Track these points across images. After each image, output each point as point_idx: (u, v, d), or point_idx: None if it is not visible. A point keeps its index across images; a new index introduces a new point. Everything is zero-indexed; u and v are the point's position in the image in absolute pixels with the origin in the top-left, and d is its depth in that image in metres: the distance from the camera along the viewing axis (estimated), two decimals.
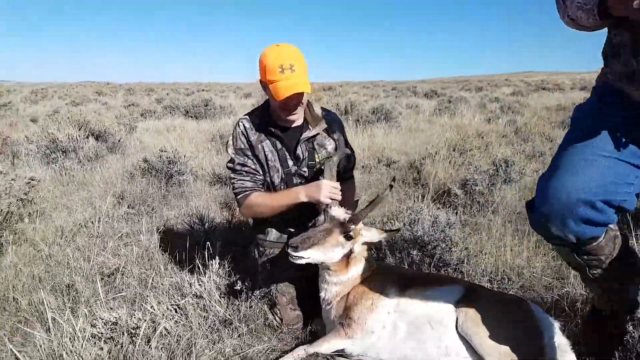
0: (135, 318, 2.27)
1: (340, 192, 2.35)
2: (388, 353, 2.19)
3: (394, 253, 3.16)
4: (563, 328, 2.14)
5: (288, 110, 2.42)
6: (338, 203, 2.35)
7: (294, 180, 2.59)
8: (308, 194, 2.33)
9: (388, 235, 2.36)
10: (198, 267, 2.83)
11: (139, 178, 5.45)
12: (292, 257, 2.11)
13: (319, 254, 2.15)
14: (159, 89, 36.61)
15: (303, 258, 2.11)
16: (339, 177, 2.53)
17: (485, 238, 3.53)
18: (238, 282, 2.59)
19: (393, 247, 3.20)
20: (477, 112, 12.15)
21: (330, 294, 2.36)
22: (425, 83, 59.73)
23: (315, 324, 2.58)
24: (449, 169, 5.35)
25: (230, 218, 4.20)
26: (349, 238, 2.22)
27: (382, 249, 3.23)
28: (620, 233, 1.77)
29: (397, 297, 2.25)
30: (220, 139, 7.80)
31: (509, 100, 16.51)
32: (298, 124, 2.55)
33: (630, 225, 3.40)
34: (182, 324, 2.42)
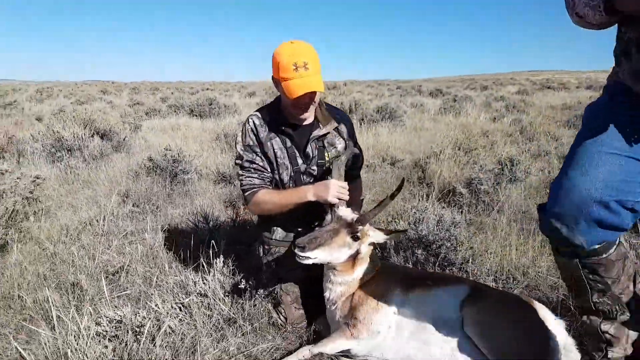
0: (140, 316, 2.27)
1: (348, 191, 2.33)
2: (393, 353, 2.18)
3: (399, 252, 3.16)
4: (568, 327, 2.13)
5: (300, 109, 2.40)
6: (345, 203, 2.34)
7: (303, 179, 2.57)
8: (316, 193, 2.32)
9: (394, 236, 2.35)
10: (202, 265, 2.83)
11: (144, 177, 5.46)
12: (299, 257, 2.09)
13: (326, 255, 2.14)
14: (164, 88, 36.68)
15: (310, 258, 2.10)
16: (347, 176, 2.51)
17: (491, 237, 3.51)
18: (242, 280, 2.58)
19: (398, 246, 3.20)
20: (482, 110, 12.11)
21: (335, 294, 2.35)
22: (430, 82, 59.60)
23: (319, 324, 2.58)
24: (454, 168, 5.34)
25: (235, 217, 4.19)
26: (356, 239, 2.21)
27: (386, 248, 3.23)
28: (633, 263, 1.70)
29: (402, 297, 2.24)
30: (225, 138, 7.80)
31: (514, 99, 16.46)
32: (308, 122, 2.53)
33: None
34: (186, 323, 2.42)
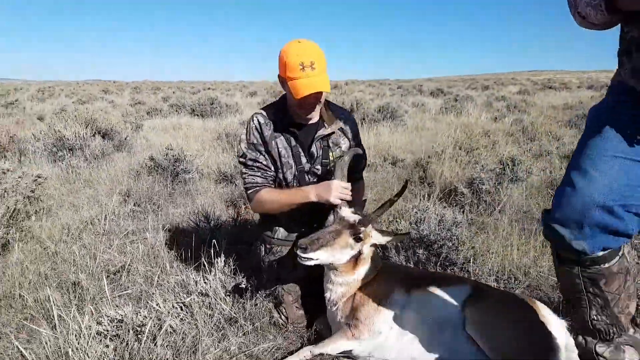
0: (141, 316, 2.27)
1: (351, 192, 2.32)
2: (395, 354, 2.17)
3: (400, 252, 3.15)
4: (570, 328, 2.12)
5: (306, 108, 2.39)
6: (347, 203, 2.33)
7: (307, 178, 2.56)
8: (318, 194, 2.30)
9: (397, 238, 2.34)
10: (204, 264, 2.82)
11: (145, 176, 5.46)
12: (300, 258, 2.08)
13: (328, 256, 2.13)
14: (165, 88, 36.72)
15: (312, 259, 2.09)
16: (350, 177, 2.49)
17: (492, 237, 3.51)
18: (243, 280, 2.58)
19: (399, 245, 3.19)
20: (483, 110, 12.09)
21: (336, 295, 2.34)
22: (432, 81, 59.53)
23: (319, 324, 2.57)
24: (455, 168, 5.33)
25: (236, 216, 4.19)
26: (358, 240, 2.20)
27: (388, 248, 3.22)
28: (634, 280, 1.65)
29: (404, 297, 2.24)
30: (226, 138, 7.80)
31: (516, 99, 16.45)
32: (313, 122, 2.52)
33: None
34: (187, 322, 2.42)
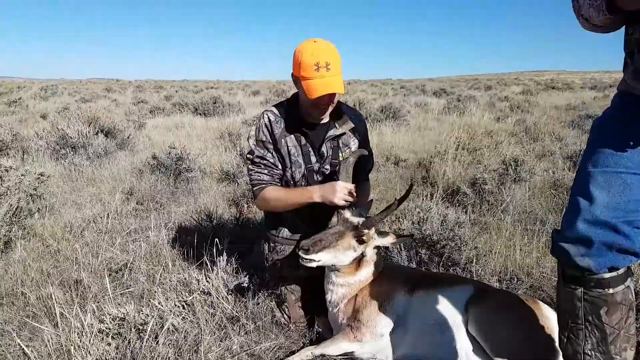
0: (143, 314, 2.27)
1: (355, 193, 2.30)
2: (397, 355, 2.16)
3: (402, 251, 3.14)
4: None
5: (319, 109, 2.38)
6: (352, 205, 2.30)
7: (316, 178, 2.55)
8: (322, 195, 2.28)
9: (400, 241, 2.32)
10: (206, 263, 2.82)
11: (148, 174, 5.46)
12: (302, 259, 2.07)
13: (331, 257, 2.12)
14: (168, 86, 36.79)
15: (314, 261, 2.08)
16: (356, 178, 2.48)
17: (495, 237, 3.49)
18: (246, 279, 2.57)
19: (401, 245, 3.17)
20: (486, 110, 12.05)
21: (337, 296, 2.33)
22: (434, 81, 59.47)
23: (320, 324, 2.56)
24: (458, 168, 5.31)
25: (238, 215, 4.19)
26: (362, 242, 2.18)
27: (390, 248, 3.21)
28: (634, 320, 1.55)
29: (406, 298, 2.23)
30: (229, 137, 7.80)
31: (519, 99, 16.43)
32: (324, 121, 2.51)
33: None
34: (189, 321, 2.42)
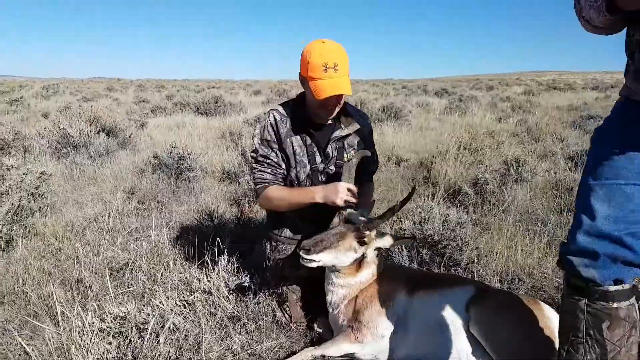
0: (144, 313, 2.27)
1: (358, 194, 2.29)
2: (398, 356, 2.16)
3: (404, 251, 3.14)
4: None
5: (326, 110, 2.37)
6: (354, 206, 2.30)
7: (320, 178, 2.54)
8: (324, 195, 2.27)
9: (401, 243, 2.31)
10: (207, 262, 2.81)
11: (149, 174, 5.47)
12: (303, 259, 2.07)
13: (331, 258, 2.11)
14: (170, 86, 36.77)
15: (314, 261, 2.07)
16: (359, 179, 2.47)
17: (496, 238, 3.49)
18: (247, 278, 2.57)
19: (403, 245, 3.17)
20: (487, 111, 12.06)
21: (338, 297, 2.32)
22: (436, 81, 59.43)
23: (320, 325, 2.55)
24: (460, 168, 5.31)
25: (240, 214, 4.19)
26: (363, 243, 2.18)
27: (391, 248, 3.21)
28: (637, 340, 1.49)
29: (407, 299, 2.22)
30: (230, 136, 7.80)
31: (520, 100, 16.42)
32: (330, 122, 2.51)
33: None
34: (190, 320, 2.42)
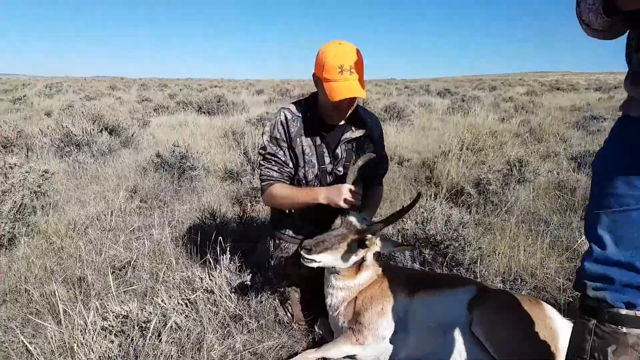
0: (146, 312, 2.27)
1: (362, 197, 2.28)
2: (399, 357, 2.16)
3: (406, 252, 3.13)
4: None
5: (339, 111, 2.37)
6: (357, 208, 2.29)
7: (328, 179, 2.54)
8: (327, 197, 2.27)
9: (401, 249, 2.30)
10: (209, 261, 2.82)
11: (152, 173, 5.47)
12: (304, 259, 2.07)
13: (331, 259, 2.11)
14: (172, 85, 36.78)
15: (315, 262, 2.08)
16: (368, 182, 2.46)
17: (499, 238, 3.48)
18: (249, 277, 2.57)
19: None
20: (490, 111, 12.02)
21: (337, 300, 2.32)
22: (439, 81, 59.34)
23: (321, 326, 2.55)
24: (462, 168, 5.30)
25: (242, 213, 4.19)
26: (364, 246, 2.17)
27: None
28: None
29: (407, 300, 2.21)
30: (232, 135, 7.80)
31: (523, 100, 16.36)
32: (342, 123, 2.50)
33: None
34: (192, 319, 2.42)
